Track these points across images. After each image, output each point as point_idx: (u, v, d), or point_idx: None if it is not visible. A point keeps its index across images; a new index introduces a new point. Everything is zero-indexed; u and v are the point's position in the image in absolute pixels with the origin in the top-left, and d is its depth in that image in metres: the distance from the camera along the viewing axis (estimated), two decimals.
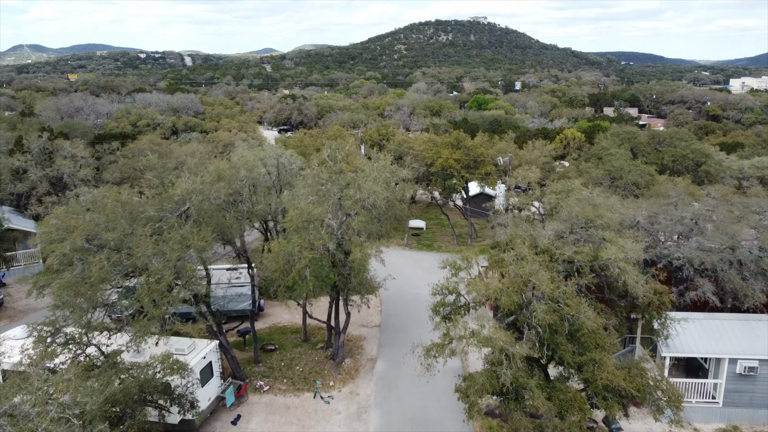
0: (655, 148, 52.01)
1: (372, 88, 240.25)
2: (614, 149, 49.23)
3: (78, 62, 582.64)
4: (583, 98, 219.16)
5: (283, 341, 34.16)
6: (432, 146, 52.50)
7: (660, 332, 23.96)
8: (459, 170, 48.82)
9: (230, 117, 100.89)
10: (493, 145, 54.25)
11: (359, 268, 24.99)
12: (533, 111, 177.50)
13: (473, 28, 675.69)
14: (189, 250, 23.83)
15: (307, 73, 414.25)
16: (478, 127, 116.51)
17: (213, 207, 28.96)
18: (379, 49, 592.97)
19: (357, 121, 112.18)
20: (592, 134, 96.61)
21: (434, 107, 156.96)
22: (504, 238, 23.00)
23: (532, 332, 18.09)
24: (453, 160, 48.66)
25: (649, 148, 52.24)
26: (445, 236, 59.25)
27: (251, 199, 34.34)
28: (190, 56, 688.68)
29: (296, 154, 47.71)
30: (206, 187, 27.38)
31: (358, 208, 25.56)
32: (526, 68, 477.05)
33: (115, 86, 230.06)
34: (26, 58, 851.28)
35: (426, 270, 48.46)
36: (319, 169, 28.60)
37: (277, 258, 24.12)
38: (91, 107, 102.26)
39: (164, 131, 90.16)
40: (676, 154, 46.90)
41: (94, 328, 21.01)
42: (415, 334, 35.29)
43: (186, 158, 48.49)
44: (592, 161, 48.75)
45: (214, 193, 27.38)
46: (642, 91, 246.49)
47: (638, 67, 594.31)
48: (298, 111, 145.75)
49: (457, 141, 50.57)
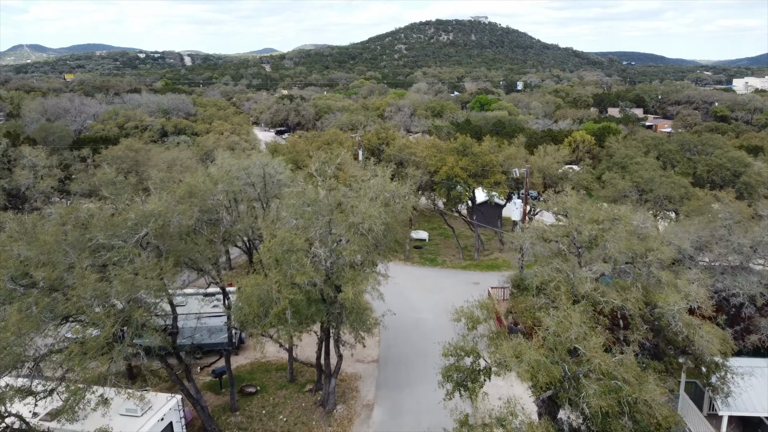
0: (686, 156, 47.32)
1: (372, 89, 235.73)
2: (640, 157, 44.57)
3: (77, 62, 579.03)
4: (587, 99, 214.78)
5: (266, 381, 29.63)
6: (436, 152, 47.98)
7: (719, 388, 19.48)
8: (465, 179, 44.29)
9: (223, 119, 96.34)
10: (502, 150, 49.70)
11: (352, 308, 20.47)
12: (537, 112, 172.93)
13: (474, 27, 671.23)
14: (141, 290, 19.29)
15: (306, 73, 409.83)
16: (482, 129, 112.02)
17: (180, 230, 24.47)
18: (379, 48, 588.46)
19: (356, 123, 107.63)
20: (602, 137, 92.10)
21: (436, 108, 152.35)
22: (531, 277, 18.55)
23: (577, 415, 13.64)
24: (459, 168, 44.13)
25: (679, 156, 47.56)
26: (449, 248, 54.74)
27: (231, 217, 29.87)
28: (190, 56, 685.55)
29: (286, 162, 43.26)
30: (169, 208, 22.84)
31: (350, 234, 21.03)
32: (528, 68, 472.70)
33: (111, 86, 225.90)
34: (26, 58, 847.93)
35: (429, 290, 43.95)
36: (305, 184, 24.05)
37: (249, 300, 19.62)
38: (78, 108, 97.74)
39: (153, 134, 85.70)
40: (711, 163, 42.19)
41: (12, 396, 16.49)
42: (419, 371, 30.79)
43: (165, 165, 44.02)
44: (615, 170, 44.10)
45: (178, 216, 22.84)
46: (647, 91, 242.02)
47: (640, 67, 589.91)
48: (295, 112, 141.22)
49: (464, 147, 46.03)
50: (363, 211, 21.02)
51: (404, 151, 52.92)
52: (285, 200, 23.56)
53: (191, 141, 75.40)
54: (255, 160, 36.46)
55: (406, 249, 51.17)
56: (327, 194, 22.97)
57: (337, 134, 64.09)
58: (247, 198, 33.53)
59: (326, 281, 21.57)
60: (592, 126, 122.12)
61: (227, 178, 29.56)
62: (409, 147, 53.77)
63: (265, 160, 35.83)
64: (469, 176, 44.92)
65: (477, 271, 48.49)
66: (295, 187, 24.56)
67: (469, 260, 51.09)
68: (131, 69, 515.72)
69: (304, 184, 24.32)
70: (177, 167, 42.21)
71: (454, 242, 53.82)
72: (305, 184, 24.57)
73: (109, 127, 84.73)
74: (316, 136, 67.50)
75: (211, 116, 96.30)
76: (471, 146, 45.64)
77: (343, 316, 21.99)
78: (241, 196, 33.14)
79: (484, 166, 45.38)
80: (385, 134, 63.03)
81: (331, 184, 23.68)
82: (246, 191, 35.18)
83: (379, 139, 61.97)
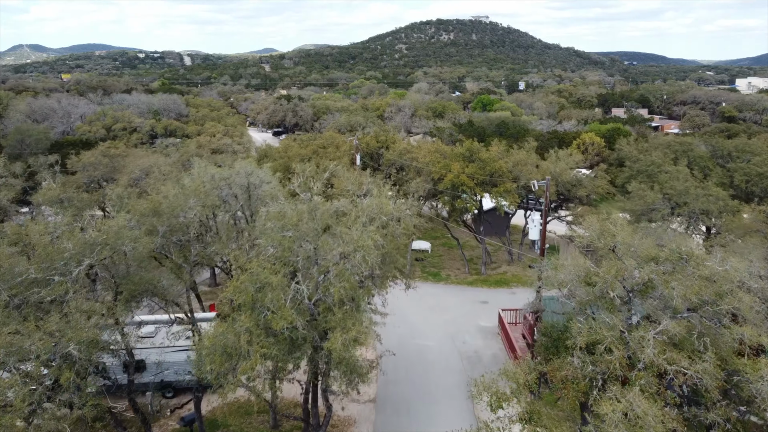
0: (719, 164, 43.20)
1: (372, 88, 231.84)
2: (669, 165, 40.50)
3: (76, 62, 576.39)
4: (591, 99, 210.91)
5: (246, 427, 25.63)
6: (440, 158, 43.98)
7: None
8: (472, 188, 40.27)
9: (216, 120, 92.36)
10: (511, 155, 45.69)
11: (340, 359, 16.49)
12: (540, 112, 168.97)
13: (475, 27, 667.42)
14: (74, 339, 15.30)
15: (306, 73, 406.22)
16: (485, 130, 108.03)
17: (139, 256, 20.53)
18: (379, 48, 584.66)
19: (354, 125, 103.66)
20: (612, 139, 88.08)
21: (437, 109, 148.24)
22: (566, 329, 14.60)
23: None
24: (465, 176, 40.12)
25: (711, 164, 43.47)
26: (453, 261, 50.75)
27: (205, 237, 25.89)
28: (190, 56, 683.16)
29: (276, 170, 39.30)
30: (120, 234, 18.87)
31: (340, 268, 17.04)
32: (529, 68, 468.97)
33: (107, 86, 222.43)
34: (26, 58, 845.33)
35: (432, 309, 39.93)
36: (286, 202, 20.06)
37: (212, 353, 15.63)
38: (65, 109, 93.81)
39: (142, 136, 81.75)
40: (751, 172, 38.13)
41: None
42: (424, 415, 26.79)
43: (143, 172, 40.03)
44: (640, 179, 40.05)
45: (130, 243, 18.87)
46: (651, 91, 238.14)
47: (641, 67, 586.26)
48: (292, 112, 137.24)
49: (470, 153, 42.01)
50: (355, 239, 17.02)
51: (405, 156, 48.95)
52: (261, 221, 19.60)
53: (180, 144, 71.52)
54: (239, 169, 32.46)
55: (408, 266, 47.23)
56: (311, 214, 18.98)
57: (333, 137, 60.09)
58: (228, 212, 29.51)
59: (310, 323, 17.60)
60: (598, 127, 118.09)
61: (202, 192, 25.53)
62: (410, 152, 49.79)
63: (249, 169, 31.81)
64: (477, 184, 40.92)
65: (484, 287, 44.52)
66: (274, 205, 20.55)
67: (476, 274, 47.11)
68: (130, 69, 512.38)
69: (284, 202, 20.32)
70: (155, 174, 38.25)
71: (459, 254, 49.84)
72: (287, 201, 20.57)
73: (95, 129, 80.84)
74: (311, 139, 63.56)
75: (204, 117, 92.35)
76: (478, 152, 41.62)
77: (331, 366, 18.01)
78: (222, 209, 29.14)
79: (492, 173, 41.38)
80: (385, 137, 59.02)
81: (316, 204, 19.70)
82: (228, 204, 31.27)
83: (378, 143, 57.97)
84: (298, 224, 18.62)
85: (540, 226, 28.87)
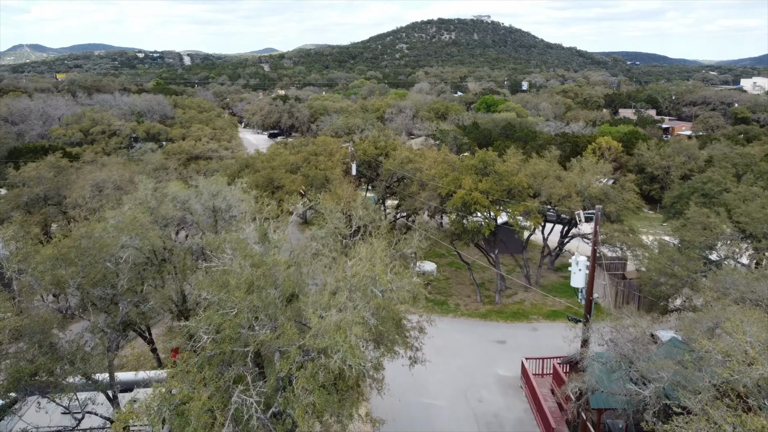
0: None
1: (372, 89, 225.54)
2: (731, 182, 34.10)
3: (75, 62, 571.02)
4: (598, 99, 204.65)
5: None
6: (448, 170, 37.64)
7: None
8: (487, 206, 33.92)
9: (204, 122, 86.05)
10: (529, 165, 39.35)
11: None
12: (547, 113, 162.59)
13: (476, 26, 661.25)
14: None
15: (305, 73, 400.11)
16: (491, 133, 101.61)
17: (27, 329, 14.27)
18: (380, 48, 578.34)
19: (353, 127, 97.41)
20: (630, 143, 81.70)
21: (440, 109, 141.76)
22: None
23: None
24: (479, 192, 33.78)
25: None
26: (463, 286, 44.41)
27: (141, 286, 19.63)
28: (190, 56, 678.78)
29: (255, 184, 33.08)
30: None
31: (307, 375, 10.76)
32: (531, 68, 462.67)
33: (101, 86, 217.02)
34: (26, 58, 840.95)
35: (440, 352, 33.44)
36: (238, 261, 13.73)
37: None
38: (42, 111, 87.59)
39: (122, 140, 75.52)
40: None
41: None
42: None
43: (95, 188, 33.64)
44: (696, 199, 33.65)
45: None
46: (659, 91, 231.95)
47: (644, 67, 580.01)
48: (288, 114, 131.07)
49: (484, 164, 35.63)
50: (329, 331, 10.76)
51: (407, 166, 42.60)
52: (197, 285, 13.33)
53: (157, 149, 65.36)
54: (202, 188, 26.15)
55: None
56: (270, 279, 12.67)
57: (326, 143, 53.75)
58: (182, 250, 23.18)
59: None
60: (609, 129, 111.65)
61: (138, 229, 19.16)
62: (413, 161, 43.42)
63: (214, 189, 25.50)
64: (492, 202, 34.59)
65: (500, 320, 38.15)
66: (218, 258, 14.21)
67: (489, 304, 40.77)
68: (129, 69, 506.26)
69: (232, 253, 14.00)
70: (108, 189, 32.03)
71: (469, 277, 43.50)
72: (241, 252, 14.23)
73: (71, 133, 74.67)
74: (303, 145, 57.28)
75: (191, 120, 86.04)
76: (493, 163, 35.23)
77: None
78: (170, 244, 22.83)
79: (510, 188, 35.03)
80: (384, 143, 52.68)
81: (276, 259, 13.40)
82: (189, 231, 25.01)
83: (376, 149, 51.64)
84: (250, 293, 12.30)
85: (586, 271, 22.50)
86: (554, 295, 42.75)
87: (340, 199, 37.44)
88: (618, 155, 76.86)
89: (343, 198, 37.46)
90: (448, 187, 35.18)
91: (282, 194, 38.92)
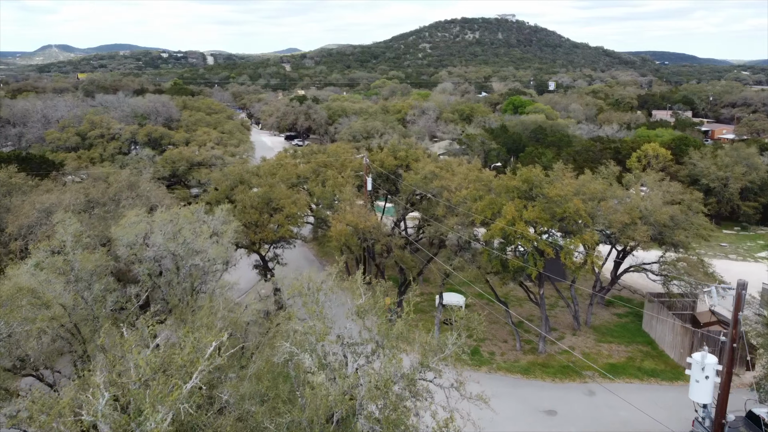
0: None
1: (394, 89, 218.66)
2: None
3: (100, 62, 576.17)
4: (631, 100, 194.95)
5: None
6: (483, 190, 30.40)
7: None
8: (535, 241, 26.65)
9: (212, 125, 79.92)
10: (583, 184, 31.87)
11: None
12: (577, 115, 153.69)
13: (501, 26, 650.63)
14: None
15: (326, 73, 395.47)
16: (521, 137, 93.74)
17: None
18: (402, 47, 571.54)
19: (371, 130, 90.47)
20: (680, 150, 73.34)
21: (464, 111, 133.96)
22: None
23: None
24: (523, 222, 26.52)
25: None
26: (497, 325, 37.14)
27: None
28: (213, 56, 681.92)
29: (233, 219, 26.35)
30: None
31: None
32: (557, 68, 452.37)
33: (120, 86, 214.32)
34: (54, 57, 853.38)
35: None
36: None
37: None
38: (42, 112, 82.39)
39: (120, 144, 69.67)
40: None
41: None
42: None
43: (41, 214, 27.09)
44: None
45: None
46: (695, 92, 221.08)
47: (673, 67, 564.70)
48: (305, 115, 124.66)
49: (530, 185, 28.35)
50: None
51: (432, 183, 35.44)
52: None
53: (154, 155, 59.29)
54: (159, 224, 19.39)
55: (435, 326, 33.91)
56: None
57: (339, 151, 46.82)
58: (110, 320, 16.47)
59: None
60: (647, 133, 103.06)
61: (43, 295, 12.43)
62: (438, 176, 36.21)
63: (170, 228, 18.71)
64: (541, 232, 27.30)
65: (546, 378, 30.82)
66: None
67: (531, 353, 33.46)
68: (153, 69, 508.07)
69: None
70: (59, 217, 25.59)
71: (502, 311, 36.13)
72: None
73: (66, 137, 69.02)
74: (313, 153, 50.54)
75: (197, 123, 79.97)
76: (541, 185, 27.91)
77: None
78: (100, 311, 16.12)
79: (563, 217, 27.69)
80: (405, 153, 45.59)
81: None
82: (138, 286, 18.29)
83: (396, 160, 44.61)
84: None
85: (716, 379, 15.13)
86: (610, 340, 35.31)
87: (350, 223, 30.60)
88: (667, 164, 68.65)
89: (353, 222, 30.59)
90: (483, 214, 27.97)
91: (281, 218, 32.12)
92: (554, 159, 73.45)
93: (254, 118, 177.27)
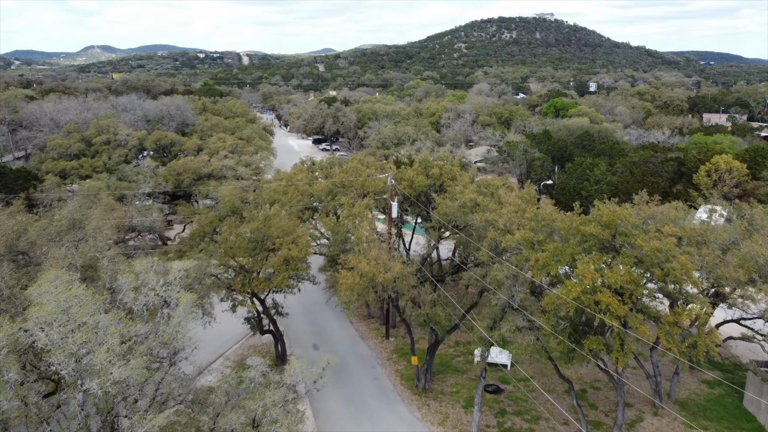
0: None
1: (428, 89, 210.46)
2: None
3: (138, 62, 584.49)
4: (681, 103, 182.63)
5: None
6: (544, 229, 22.52)
7: None
8: (623, 317, 18.73)
9: (229, 131, 73.56)
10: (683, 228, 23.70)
11: None
12: (624, 118, 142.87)
13: (539, 25, 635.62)
14: None
15: (360, 73, 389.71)
16: (566, 144, 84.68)
17: None
18: (437, 47, 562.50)
19: (402, 137, 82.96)
20: (756, 163, 63.75)
21: (503, 114, 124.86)
22: None
23: None
24: (609, 292, 18.63)
25: None
26: (553, 394, 29.31)
27: None
28: (248, 56, 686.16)
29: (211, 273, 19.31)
30: None
31: None
32: (597, 68, 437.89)
33: (152, 87, 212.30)
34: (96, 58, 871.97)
35: None
36: None
37: None
38: (51, 116, 77.38)
39: (127, 152, 63.73)
40: None
41: None
42: None
43: None
44: None
45: None
46: (750, 94, 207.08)
47: (719, 67, 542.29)
48: (333, 118, 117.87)
49: (614, 229, 20.40)
50: None
51: (473, 215, 27.68)
52: None
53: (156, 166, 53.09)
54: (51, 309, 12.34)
55: (477, 391, 26.33)
56: None
57: (360, 168, 39.37)
58: None
59: None
60: (704, 139, 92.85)
61: None
62: (481, 205, 28.43)
63: (68, 322, 11.61)
64: (632, 301, 19.36)
65: None
66: None
67: None
68: (189, 69, 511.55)
69: None
70: None
71: (557, 375, 28.21)
72: None
73: (70, 142, 63.41)
74: (328, 168, 43.29)
75: (213, 127, 73.75)
76: (629, 232, 19.88)
77: None
78: None
79: (661, 277, 19.67)
80: (439, 169, 37.86)
81: None
82: None
83: (428, 179, 36.99)
84: None
85: None
86: (704, 424, 27.03)
87: (366, 274, 23.24)
88: (741, 179, 59.32)
89: (369, 273, 23.19)
90: (545, 269, 20.19)
91: (277, 262, 24.90)
92: (608, 172, 64.74)
93: (282, 120, 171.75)
